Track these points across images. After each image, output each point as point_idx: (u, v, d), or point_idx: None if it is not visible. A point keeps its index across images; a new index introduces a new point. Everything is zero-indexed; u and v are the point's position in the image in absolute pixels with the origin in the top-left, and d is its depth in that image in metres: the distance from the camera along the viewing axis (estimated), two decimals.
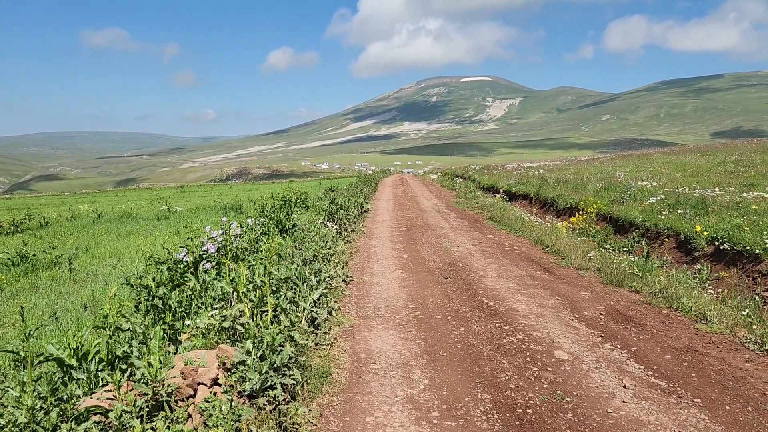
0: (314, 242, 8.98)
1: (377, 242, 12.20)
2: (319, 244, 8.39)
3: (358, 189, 23.81)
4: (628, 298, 7.47)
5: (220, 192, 47.07)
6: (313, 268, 6.46)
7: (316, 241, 8.71)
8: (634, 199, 14.53)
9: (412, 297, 7.34)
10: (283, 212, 11.90)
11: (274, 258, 5.83)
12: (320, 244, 8.44)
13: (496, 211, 17.89)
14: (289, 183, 68.31)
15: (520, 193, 23.17)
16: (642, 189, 15.13)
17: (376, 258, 10.25)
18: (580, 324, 6.31)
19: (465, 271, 9.06)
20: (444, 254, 10.67)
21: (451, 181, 35.92)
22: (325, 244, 8.41)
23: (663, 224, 11.45)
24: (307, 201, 16.67)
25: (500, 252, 11.07)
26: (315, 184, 49.15)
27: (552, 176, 24.68)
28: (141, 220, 22.71)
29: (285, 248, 10.19)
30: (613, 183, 17.25)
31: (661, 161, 30.72)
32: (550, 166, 37.38)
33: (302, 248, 9.36)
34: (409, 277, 8.57)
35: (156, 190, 60.63)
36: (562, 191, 19.03)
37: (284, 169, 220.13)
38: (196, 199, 37.37)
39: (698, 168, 22.96)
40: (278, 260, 7.16)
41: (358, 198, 18.29)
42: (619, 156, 42.29)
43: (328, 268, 7.80)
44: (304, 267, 6.43)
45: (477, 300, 7.20)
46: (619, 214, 13.56)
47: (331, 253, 8.45)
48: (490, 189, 28.03)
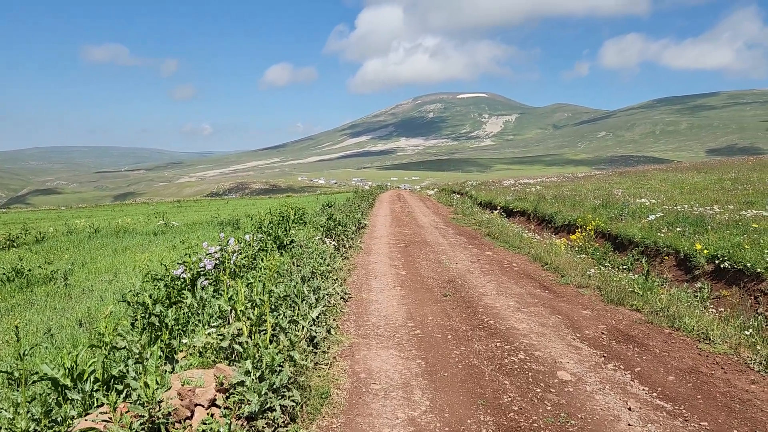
0: (312, 259, 8.91)
1: (375, 258, 12.13)
2: (317, 260, 8.32)
3: (355, 205, 23.79)
4: (629, 317, 7.40)
5: (217, 207, 47.02)
6: (311, 286, 6.39)
7: (315, 258, 8.64)
8: (633, 217, 14.52)
9: (411, 315, 7.26)
10: (280, 228, 11.83)
11: (273, 275, 5.76)
12: (318, 260, 8.37)
13: (494, 227, 17.86)
14: (286, 198, 68.29)
15: (517, 209, 23.16)
16: (640, 206, 15.14)
17: (375, 275, 10.18)
18: (582, 344, 6.24)
19: (464, 288, 9.00)
20: (443, 271, 10.61)
21: (449, 197, 35.94)
22: (324, 261, 8.34)
23: (662, 242, 11.43)
24: (304, 217, 16.62)
25: (499, 269, 11.01)
26: (312, 199, 49.15)
27: (549, 193, 24.72)
28: (137, 235, 22.60)
29: (283, 265, 10.12)
30: (611, 200, 17.26)
31: (658, 178, 30.83)
32: (547, 182, 37.47)
33: (300, 265, 9.28)
34: (408, 295, 8.49)
35: (153, 204, 60.51)
36: (560, 208, 19.02)
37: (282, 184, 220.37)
38: (192, 213, 37.30)
39: (696, 185, 23.03)
40: (277, 277, 7.08)
41: (356, 214, 18.25)
42: (616, 173, 42.43)
43: (327, 286, 7.72)
44: (303, 284, 6.35)
45: (477, 318, 7.13)
46: (618, 231, 13.54)
47: (330, 270, 8.38)
48: (487, 205, 28.03)
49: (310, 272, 7.84)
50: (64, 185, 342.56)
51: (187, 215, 35.90)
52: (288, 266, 9.54)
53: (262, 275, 5.48)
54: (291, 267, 8.82)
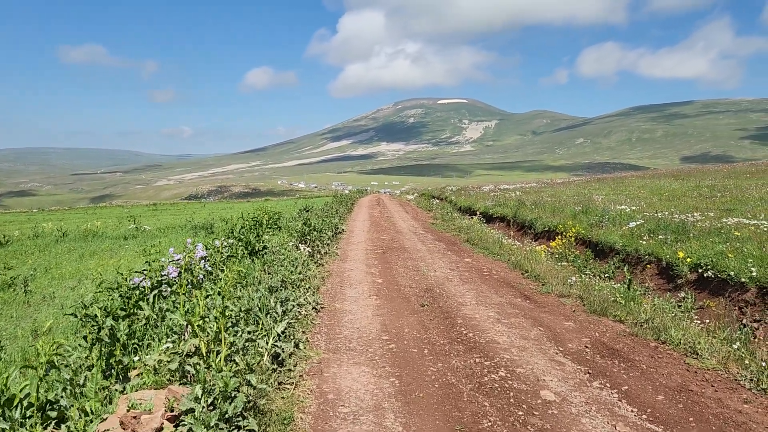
0: (284, 266, 8.48)
1: (351, 265, 11.72)
2: (288, 268, 7.89)
3: (333, 209, 23.35)
4: (613, 329, 7.10)
5: (193, 210, 46.14)
6: (279, 297, 5.95)
7: (286, 266, 8.20)
8: (613, 223, 14.34)
9: (386, 327, 6.87)
10: (252, 233, 11.36)
11: (230, 290, 5.32)
12: (290, 268, 7.93)
13: (474, 233, 17.58)
14: (264, 202, 67.45)
15: (497, 215, 22.94)
16: (621, 213, 14.96)
17: (350, 283, 9.77)
18: (565, 358, 5.91)
19: (442, 297, 8.63)
20: (421, 279, 10.24)
21: (428, 202, 35.67)
22: (295, 269, 7.91)
23: (644, 250, 11.21)
24: (279, 222, 16.14)
25: (479, 277, 10.68)
26: (290, 203, 48.56)
27: (529, 198, 24.56)
28: (107, 239, 21.87)
29: (253, 272, 9.66)
30: (591, 206, 17.09)
31: (636, 185, 30.94)
32: (527, 188, 37.42)
33: (271, 272, 8.84)
34: (384, 305, 8.10)
35: (127, 207, 59.28)
36: (540, 214, 18.82)
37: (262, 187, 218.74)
38: (167, 217, 36.49)
39: (674, 192, 23.07)
40: (242, 287, 6.64)
41: (333, 218, 17.81)
42: (594, 179, 42.62)
43: (297, 295, 7.30)
44: (270, 295, 5.92)
45: (455, 331, 6.76)
46: (599, 238, 13.32)
47: (302, 279, 7.94)
48: (467, 211, 27.80)
49: (280, 281, 7.41)
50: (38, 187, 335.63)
51: (162, 219, 35.12)
52: (258, 273, 9.10)
53: (221, 288, 5.04)
54: (261, 275, 8.37)
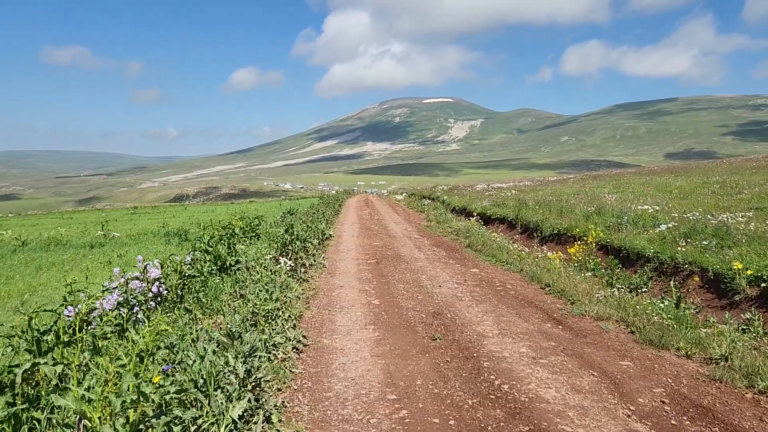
0: (258, 288, 6.72)
1: (341, 280, 9.98)
2: (262, 293, 6.13)
3: (319, 212, 21.57)
4: (685, 370, 5.46)
5: (173, 214, 44.15)
6: (241, 350, 4.21)
7: (258, 291, 6.45)
8: (635, 226, 12.75)
9: (391, 376, 5.14)
10: (223, 244, 9.58)
11: (159, 347, 3.56)
12: (263, 294, 6.18)
13: (474, 237, 15.93)
14: (248, 203, 65.38)
15: (496, 216, 21.31)
16: (642, 214, 13.37)
17: (340, 305, 8.03)
18: (643, 426, 4.24)
19: (456, 325, 6.93)
20: (425, 298, 8.54)
21: (419, 203, 33.99)
22: (270, 295, 6.16)
23: (683, 258, 9.61)
24: (258, 228, 14.34)
25: (492, 293, 9.00)
26: (275, 205, 46.61)
27: (528, 198, 22.99)
28: (71, 248, 19.92)
29: (224, 291, 7.90)
30: (605, 207, 15.49)
31: (637, 182, 29.54)
32: (521, 186, 35.90)
33: (243, 294, 7.09)
34: (385, 338, 6.38)
35: (107, 211, 57.01)
36: (546, 215, 17.21)
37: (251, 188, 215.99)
38: (144, 221, 34.53)
39: (683, 189, 21.61)
40: (190, 332, 4.88)
41: (319, 223, 16.05)
42: (590, 176, 41.24)
43: (272, 334, 5.56)
44: (231, 343, 4.19)
45: (484, 381, 5.06)
46: (621, 243, 11.70)
47: (278, 307, 6.19)
48: (462, 211, 26.16)
49: (249, 314, 5.67)
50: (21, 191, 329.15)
51: (139, 223, 33.15)
52: (229, 297, 7.34)
53: (145, 346, 3.30)
54: (228, 305, 6.62)
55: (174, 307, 6.92)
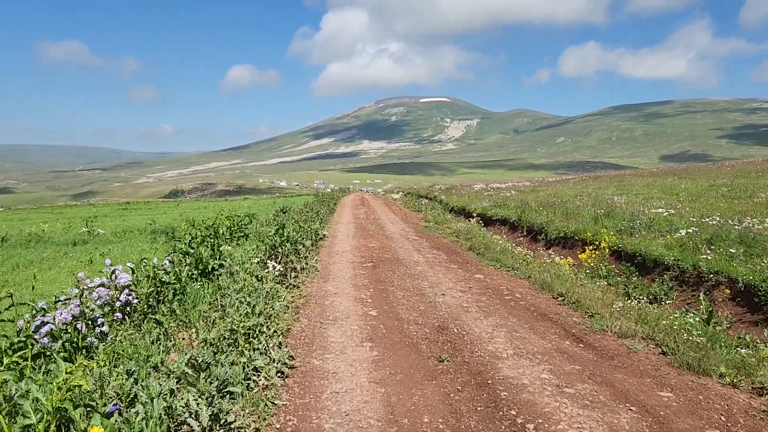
0: (240, 297, 5.89)
1: (335, 287, 9.15)
2: (242, 306, 5.30)
3: (313, 211, 20.71)
4: (735, 404, 4.66)
5: (164, 210, 43.26)
6: (204, 390, 3.37)
7: (241, 300, 5.62)
8: (649, 230, 11.97)
9: (393, 411, 4.31)
10: (206, 246, 8.73)
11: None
12: (245, 306, 5.34)
13: (476, 239, 15.13)
14: (242, 200, 64.41)
15: (497, 217, 20.51)
16: (656, 218, 12.59)
17: (334, 316, 7.20)
18: None
19: (465, 343, 6.12)
20: (427, 309, 7.72)
21: (416, 202, 33.19)
22: (253, 308, 5.32)
23: (707, 267, 8.83)
24: (248, 227, 13.48)
25: (501, 303, 8.19)
26: (269, 203, 45.69)
27: (528, 198, 22.23)
28: (52, 245, 19.02)
29: (204, 299, 7.06)
30: (614, 209, 14.70)
31: (639, 184, 28.83)
32: (521, 186, 35.13)
33: (224, 305, 6.26)
34: (384, 359, 5.56)
35: (98, 206, 56.01)
36: (551, 217, 16.43)
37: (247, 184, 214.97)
38: (135, 218, 33.60)
39: (690, 192, 20.88)
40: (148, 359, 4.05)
41: (313, 223, 15.20)
42: (590, 177, 40.51)
43: (254, 353, 4.74)
44: (191, 388, 3.36)
45: (504, 417, 4.25)
46: (636, 248, 10.92)
47: (262, 323, 5.35)
48: (460, 212, 25.36)
49: (228, 332, 4.84)
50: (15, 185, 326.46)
51: (129, 219, 32.23)
52: (208, 306, 6.52)
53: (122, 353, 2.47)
54: (203, 322, 5.80)
55: (145, 318, 6.08)
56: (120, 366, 4.03)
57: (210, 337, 4.74)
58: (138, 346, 4.86)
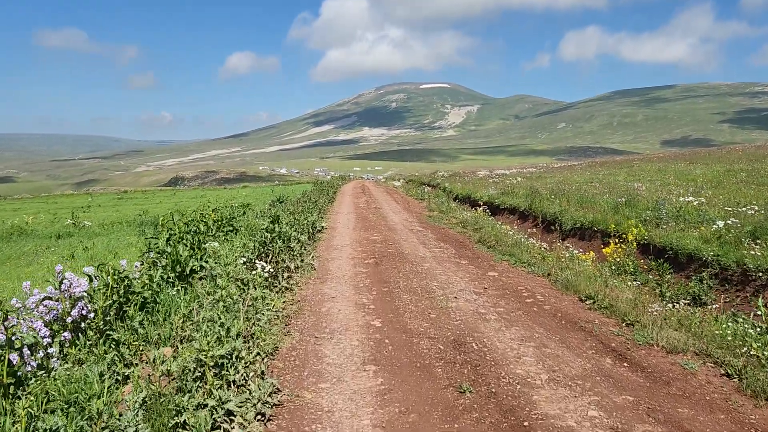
0: (214, 313, 4.85)
1: (333, 289, 8.11)
2: (214, 329, 4.26)
3: (311, 200, 19.64)
4: None
5: (160, 199, 42.20)
6: None
7: (216, 317, 4.57)
8: (677, 221, 10.92)
9: None
10: (184, 244, 7.67)
11: None
12: (219, 327, 4.30)
13: (485, 231, 14.09)
14: (241, 188, 63.26)
15: (505, 206, 19.45)
16: (684, 207, 11.52)
17: (330, 328, 6.16)
18: None
19: (487, 363, 5.09)
20: (439, 316, 6.68)
21: (419, 190, 32.08)
22: (227, 331, 4.28)
23: (755, 264, 7.78)
24: (238, 220, 12.41)
25: (522, 308, 7.16)
26: (267, 191, 44.59)
27: (538, 185, 21.15)
28: (36, 238, 18.00)
29: (179, 309, 6.04)
30: (636, 197, 13.62)
31: (650, 169, 27.72)
32: (526, 173, 34.04)
33: (197, 324, 5.23)
34: (392, 389, 4.52)
35: (94, 195, 54.99)
36: (564, 205, 15.36)
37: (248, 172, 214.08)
38: (129, 207, 32.60)
39: (708, 178, 19.75)
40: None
41: (310, 214, 14.14)
42: (597, 163, 39.39)
43: (226, 390, 3.71)
44: None
45: None
46: (666, 242, 9.87)
47: (238, 348, 4.30)
48: (465, 200, 24.29)
49: (194, 362, 3.81)
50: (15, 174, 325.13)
51: (122, 209, 31.24)
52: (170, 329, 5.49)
53: None
54: (165, 350, 4.77)
55: (102, 338, 5.04)
56: (42, 420, 3.00)
57: (173, 368, 3.70)
58: (80, 380, 3.83)
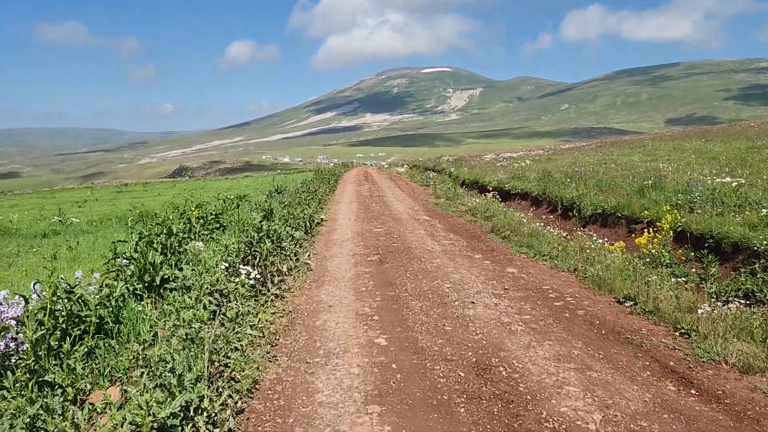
0: (165, 352, 3.81)
1: (331, 295, 7.06)
2: (166, 376, 3.22)
3: (310, 191, 18.55)
4: None
5: (159, 192, 41.28)
6: None
7: (168, 364, 3.52)
8: (713, 205, 9.80)
9: None
10: (156, 249, 6.61)
11: None
12: (170, 374, 3.26)
13: (497, 219, 13.00)
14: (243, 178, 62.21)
15: (516, 191, 18.32)
16: (720, 189, 10.38)
17: (326, 350, 5.10)
18: None
19: (522, 398, 4.03)
20: (456, 329, 5.62)
21: (423, 176, 30.93)
22: (180, 381, 3.23)
23: None
24: (226, 216, 11.34)
25: (551, 314, 6.10)
26: (268, 180, 43.50)
27: (550, 168, 20.00)
28: (19, 237, 17.04)
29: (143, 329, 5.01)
30: (662, 179, 12.46)
31: (665, 148, 26.44)
32: (534, 155, 32.80)
33: (161, 354, 4.18)
34: None
35: (96, 189, 54.16)
36: (582, 190, 14.23)
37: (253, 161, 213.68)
38: (126, 201, 31.67)
39: (731, 156, 18.53)
40: None
41: (308, 206, 13.06)
42: (607, 143, 38.06)
43: None
44: None
45: None
46: (705, 229, 8.76)
47: (197, 400, 3.25)
48: (473, 185, 23.15)
49: (128, 428, 2.77)
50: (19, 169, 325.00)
51: (118, 204, 30.33)
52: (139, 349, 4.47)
53: None
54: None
55: (34, 377, 4.00)
56: None
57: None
58: None
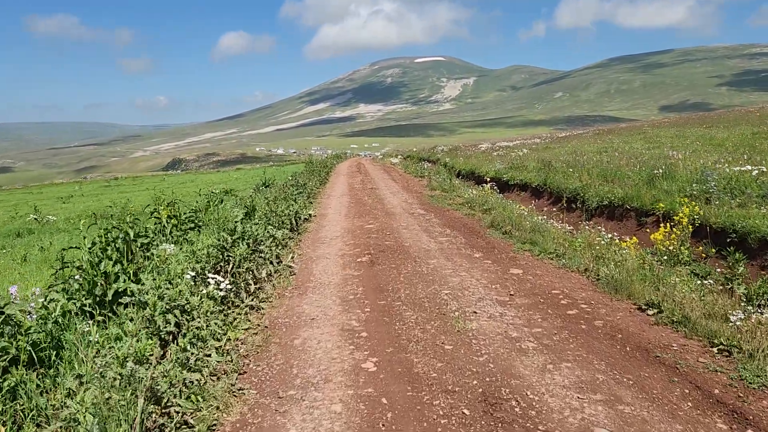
0: (82, 410, 2.99)
1: (313, 305, 6.23)
2: None
3: (300, 184, 17.68)
4: None
5: (148, 186, 40.28)
6: None
7: (82, 426, 2.71)
8: (732, 195, 9.03)
9: None
10: (109, 257, 5.76)
11: None
12: None
13: (496, 212, 12.16)
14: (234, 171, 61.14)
15: (515, 182, 17.51)
16: (737, 178, 9.60)
17: (303, 378, 4.29)
18: None
19: None
20: (457, 349, 4.81)
21: (417, 166, 30.06)
22: None
23: None
24: (205, 214, 10.47)
25: (566, 326, 5.31)
26: (259, 173, 42.56)
27: (549, 157, 19.21)
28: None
29: (86, 357, 4.18)
30: (672, 168, 11.66)
31: (666, 135, 25.70)
32: (531, 144, 32.00)
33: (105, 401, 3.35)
34: None
35: (85, 183, 53.07)
36: (586, 180, 13.44)
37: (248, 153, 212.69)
38: (113, 196, 30.66)
39: (737, 143, 17.79)
40: None
41: (295, 201, 12.21)
42: (604, 131, 37.31)
43: None
44: None
45: None
46: (727, 222, 7.98)
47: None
48: (469, 176, 22.34)
49: None
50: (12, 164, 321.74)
51: (104, 199, 29.32)
52: (73, 384, 3.62)
53: None
54: None
55: None
56: None
57: None
58: None
